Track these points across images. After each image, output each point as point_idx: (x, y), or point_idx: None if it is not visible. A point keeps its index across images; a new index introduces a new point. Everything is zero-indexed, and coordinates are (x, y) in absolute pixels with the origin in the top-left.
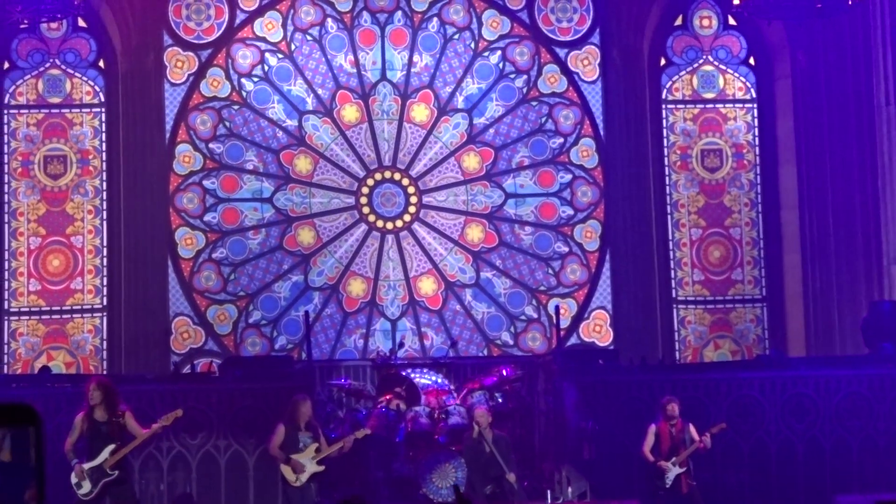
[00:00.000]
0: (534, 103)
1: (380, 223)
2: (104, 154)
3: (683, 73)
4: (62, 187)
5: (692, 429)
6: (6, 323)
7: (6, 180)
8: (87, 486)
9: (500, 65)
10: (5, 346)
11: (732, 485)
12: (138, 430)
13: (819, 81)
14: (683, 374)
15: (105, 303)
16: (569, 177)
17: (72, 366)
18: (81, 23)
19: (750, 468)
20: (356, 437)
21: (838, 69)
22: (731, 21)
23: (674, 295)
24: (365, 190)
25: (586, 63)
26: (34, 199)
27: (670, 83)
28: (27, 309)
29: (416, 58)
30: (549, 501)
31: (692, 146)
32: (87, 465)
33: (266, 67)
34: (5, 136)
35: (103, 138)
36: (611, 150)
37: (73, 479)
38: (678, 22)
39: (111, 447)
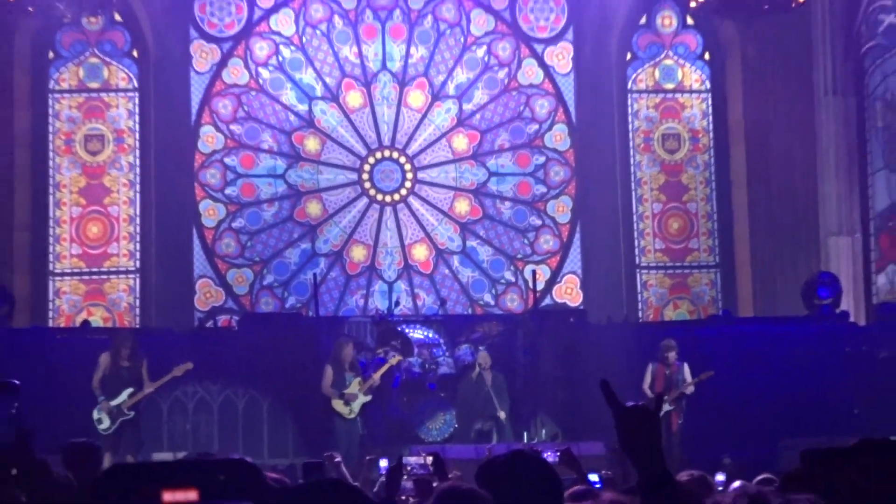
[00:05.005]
0: (514, 93)
1: (379, 196)
2: (137, 133)
3: (647, 66)
4: (100, 163)
5: (686, 369)
6: (51, 283)
7: (51, 157)
8: (107, 422)
9: (486, 58)
10: (50, 304)
11: (695, 428)
12: (147, 378)
13: (766, 74)
14: (645, 331)
15: (138, 265)
16: (543, 158)
17: (108, 320)
18: (117, 17)
19: (709, 414)
20: (390, 363)
21: (783, 63)
22: (689, 21)
23: (637, 261)
24: (366, 167)
25: (561, 57)
26: (76, 174)
27: (635, 75)
28: (69, 270)
29: (412, 50)
30: (525, 441)
31: (654, 131)
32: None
33: (280, 58)
34: (50, 118)
35: (137, 120)
36: (581, 135)
37: (95, 415)
38: (642, 21)
39: (129, 390)
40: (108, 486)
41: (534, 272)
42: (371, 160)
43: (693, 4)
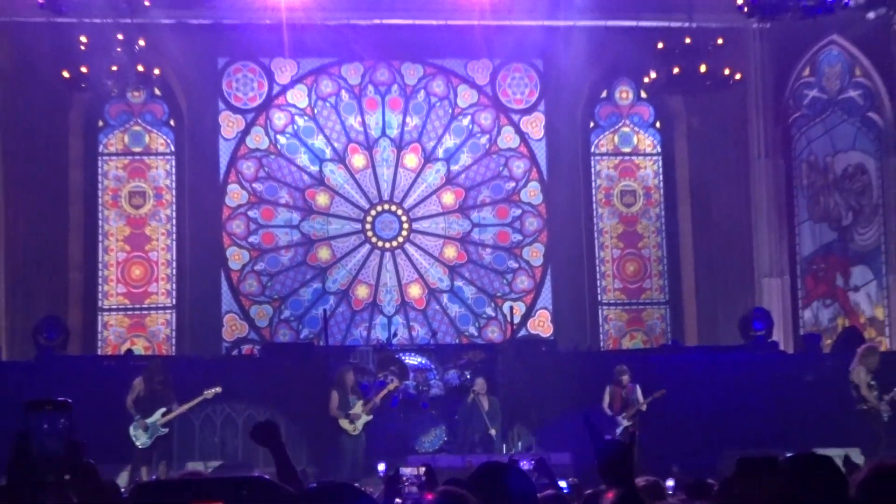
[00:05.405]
0: (494, 155)
1: (380, 244)
2: (174, 191)
3: (607, 133)
4: (142, 215)
5: (639, 390)
6: (100, 317)
7: (100, 210)
8: (144, 438)
9: (470, 126)
10: (99, 335)
11: (648, 440)
12: (175, 402)
13: (708, 140)
14: (606, 358)
15: (174, 302)
16: (519, 211)
17: (149, 349)
18: (157, 91)
19: (660, 429)
20: (389, 389)
21: (722, 131)
22: (643, 94)
23: (599, 299)
24: (369, 219)
25: (534, 125)
26: (121, 224)
27: (597, 140)
28: (115, 306)
29: (408, 119)
30: (504, 452)
31: (613, 188)
32: (147, 421)
33: (295, 126)
34: (100, 177)
35: (173, 179)
36: (552, 191)
37: (132, 432)
38: (603, 95)
39: (163, 409)
40: (140, 501)
41: (511, 308)
42: (373, 213)
43: (646, 81)
